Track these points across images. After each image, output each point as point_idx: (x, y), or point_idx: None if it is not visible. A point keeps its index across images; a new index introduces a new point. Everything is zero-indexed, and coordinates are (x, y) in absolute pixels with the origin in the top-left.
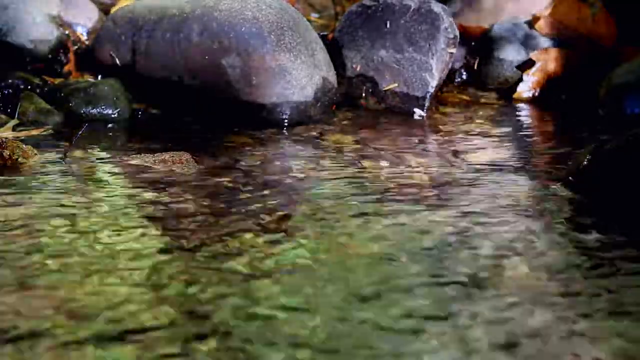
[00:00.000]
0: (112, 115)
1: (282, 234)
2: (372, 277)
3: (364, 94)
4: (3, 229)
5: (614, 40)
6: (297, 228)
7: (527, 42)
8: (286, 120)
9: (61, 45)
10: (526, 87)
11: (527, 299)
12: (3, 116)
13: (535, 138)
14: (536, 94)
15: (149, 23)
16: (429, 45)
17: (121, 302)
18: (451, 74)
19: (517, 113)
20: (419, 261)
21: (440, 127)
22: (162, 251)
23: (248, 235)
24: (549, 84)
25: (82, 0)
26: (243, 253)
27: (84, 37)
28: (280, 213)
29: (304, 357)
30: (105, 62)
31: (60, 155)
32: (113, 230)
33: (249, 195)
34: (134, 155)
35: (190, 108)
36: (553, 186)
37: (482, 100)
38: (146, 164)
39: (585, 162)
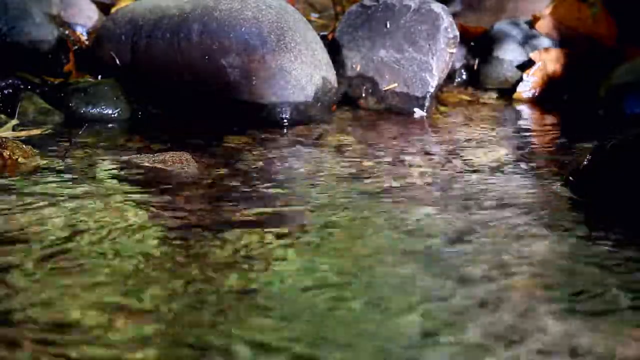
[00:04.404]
0: (112, 115)
1: (282, 233)
2: (369, 276)
3: (364, 94)
4: (2, 229)
5: (614, 40)
6: (296, 228)
7: (527, 42)
8: (286, 120)
9: (61, 45)
10: (526, 87)
11: (526, 300)
12: (3, 116)
13: (535, 138)
14: (536, 94)
15: (149, 23)
16: (429, 45)
17: (108, 307)
18: (451, 74)
19: (517, 113)
20: (415, 260)
21: (440, 127)
22: (160, 250)
23: (247, 235)
24: (549, 84)
25: (82, 0)
26: (242, 253)
27: (84, 37)
28: (280, 213)
29: None
30: (105, 62)
31: (60, 155)
32: (112, 230)
33: (248, 195)
34: (134, 155)
35: (190, 108)
36: (553, 186)
37: (482, 100)
38: (146, 164)
39: (585, 162)
